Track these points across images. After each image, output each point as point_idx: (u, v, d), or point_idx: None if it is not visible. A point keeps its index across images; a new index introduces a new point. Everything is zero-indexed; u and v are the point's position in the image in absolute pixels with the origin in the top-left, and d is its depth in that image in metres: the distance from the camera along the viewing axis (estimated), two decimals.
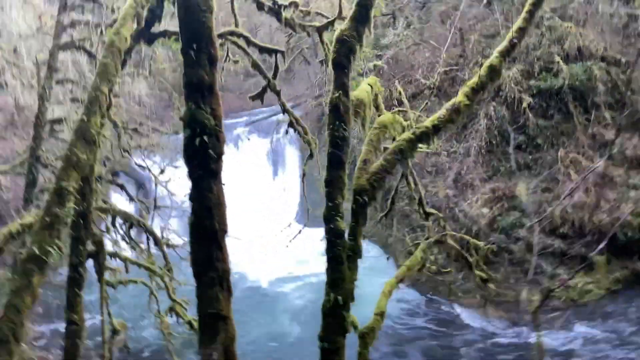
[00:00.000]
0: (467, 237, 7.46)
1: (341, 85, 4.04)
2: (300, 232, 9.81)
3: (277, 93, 7.63)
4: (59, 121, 11.09)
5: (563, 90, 14.61)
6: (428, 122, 4.61)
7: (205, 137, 3.46)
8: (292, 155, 25.99)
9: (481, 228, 14.08)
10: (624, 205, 13.69)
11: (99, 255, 6.93)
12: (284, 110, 7.85)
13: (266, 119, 28.75)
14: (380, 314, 5.84)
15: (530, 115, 14.62)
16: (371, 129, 4.86)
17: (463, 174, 15.13)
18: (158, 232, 9.43)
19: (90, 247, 6.87)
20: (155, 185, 9.37)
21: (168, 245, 9.80)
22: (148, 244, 9.46)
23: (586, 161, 13.97)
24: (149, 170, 10.49)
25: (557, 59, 14.55)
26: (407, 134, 4.57)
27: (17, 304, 4.73)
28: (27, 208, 10.53)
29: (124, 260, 7.83)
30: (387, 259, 14.12)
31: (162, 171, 9.48)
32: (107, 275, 8.04)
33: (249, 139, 26.30)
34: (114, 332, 8.35)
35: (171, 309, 9.48)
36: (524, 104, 14.67)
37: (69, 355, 6.59)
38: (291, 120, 8.10)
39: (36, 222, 5.17)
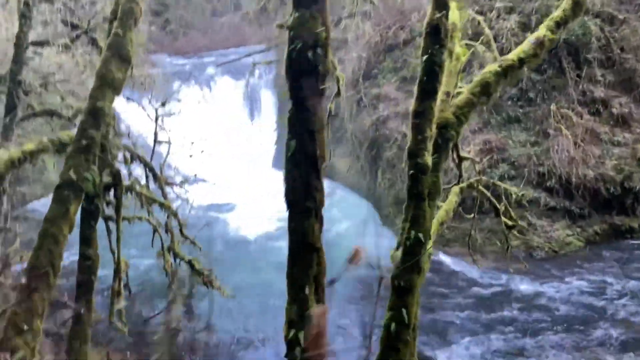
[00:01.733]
0: (499, 183, 7.34)
1: (442, 4, 3.68)
2: None
3: None
4: (41, 44, 10.11)
5: (558, 44, 14.55)
6: (513, 55, 4.34)
7: (318, 51, 3.08)
8: (268, 99, 25.26)
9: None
10: (608, 161, 14.07)
11: (117, 187, 6.44)
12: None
13: (239, 60, 27.59)
14: (429, 256, 5.71)
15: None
16: (452, 59, 4.54)
17: None
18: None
19: (106, 178, 6.36)
20: (156, 119, 8.75)
21: (167, 183, 9.33)
22: (147, 180, 8.94)
23: (576, 117, 14.16)
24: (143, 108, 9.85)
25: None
26: (493, 67, 4.30)
27: (54, 233, 4.32)
28: (8, 137, 9.73)
29: (139, 194, 7.34)
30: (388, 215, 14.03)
31: (163, 104, 8.83)
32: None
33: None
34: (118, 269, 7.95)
35: (170, 249, 9.13)
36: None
37: (84, 291, 6.21)
38: None
39: (69, 150, 4.65)
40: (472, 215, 7.61)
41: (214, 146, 19.61)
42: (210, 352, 10.30)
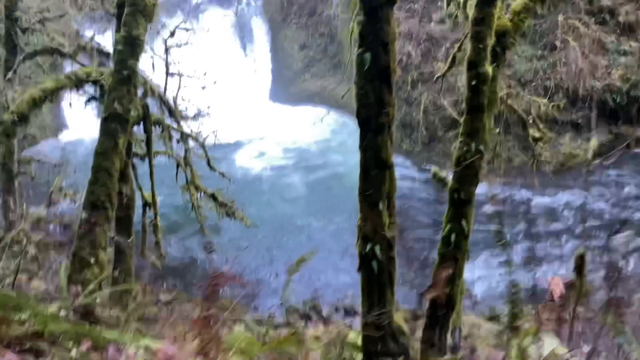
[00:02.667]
0: (531, 97, 7.31)
1: None
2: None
3: None
4: None
5: None
6: None
7: None
8: (259, 27, 24.38)
9: None
10: (615, 71, 14.00)
11: (146, 120, 6.33)
12: None
13: None
14: None
15: None
16: None
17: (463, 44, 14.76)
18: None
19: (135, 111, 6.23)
20: (166, 50, 8.44)
21: (182, 117, 9.17)
22: (162, 114, 8.78)
23: (583, 27, 13.90)
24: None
25: None
26: None
27: (107, 167, 4.29)
28: (12, 77, 9.39)
29: (167, 127, 7.22)
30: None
31: (172, 33, 8.49)
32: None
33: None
34: (146, 205, 7.99)
35: (192, 183, 9.14)
36: None
37: (124, 226, 6.27)
38: None
39: (109, 81, 4.51)
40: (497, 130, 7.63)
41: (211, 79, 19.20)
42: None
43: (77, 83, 7.11)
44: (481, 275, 9.63)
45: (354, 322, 8.51)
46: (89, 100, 7.62)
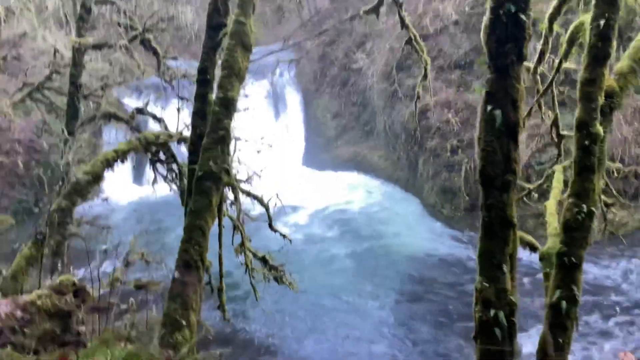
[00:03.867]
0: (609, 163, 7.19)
1: None
2: None
3: (398, 4, 6.97)
4: (100, 46, 10.01)
5: None
6: None
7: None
8: (293, 97, 25.11)
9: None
10: None
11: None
12: (404, 26, 7.21)
13: (260, 60, 27.27)
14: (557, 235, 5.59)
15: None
16: None
17: None
18: None
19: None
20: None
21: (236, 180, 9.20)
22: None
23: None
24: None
25: None
26: None
27: (201, 225, 4.21)
28: (72, 142, 9.62)
29: (236, 188, 7.20)
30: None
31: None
32: None
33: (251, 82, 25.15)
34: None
35: (242, 245, 9.02)
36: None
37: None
38: (410, 37, 7.48)
39: (205, 141, 4.53)
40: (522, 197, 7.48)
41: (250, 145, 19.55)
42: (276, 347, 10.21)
43: (147, 146, 7.23)
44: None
45: None
46: (155, 162, 7.71)
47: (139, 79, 20.21)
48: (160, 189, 9.80)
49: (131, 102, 20.49)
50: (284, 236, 7.74)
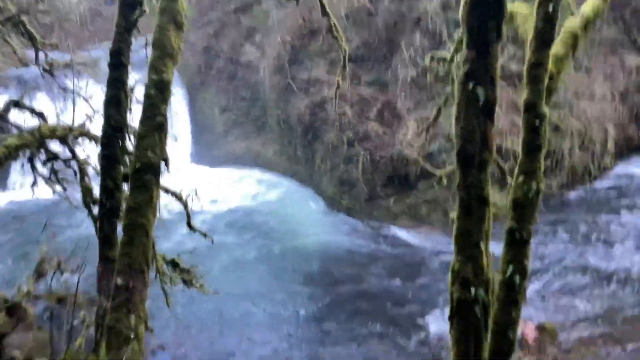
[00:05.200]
0: None
1: None
2: None
3: None
4: None
5: None
6: (589, 9, 4.56)
7: None
8: (176, 90, 23.88)
9: (410, 155, 14.73)
10: None
11: None
12: (324, 13, 7.09)
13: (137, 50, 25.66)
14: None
15: (449, 45, 15.35)
16: None
17: (391, 104, 15.54)
18: None
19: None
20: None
21: None
22: None
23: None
24: None
25: None
26: (574, 21, 4.48)
27: (143, 224, 3.81)
28: None
29: None
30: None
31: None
32: None
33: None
34: None
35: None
36: (444, 37, 15.38)
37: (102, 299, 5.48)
38: (330, 25, 7.37)
39: (140, 129, 4.10)
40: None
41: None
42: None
43: (41, 140, 6.33)
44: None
45: None
46: (49, 159, 6.80)
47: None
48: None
49: None
50: (205, 235, 7.26)
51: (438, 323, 9.78)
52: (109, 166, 5.38)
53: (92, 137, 7.09)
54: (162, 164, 4.19)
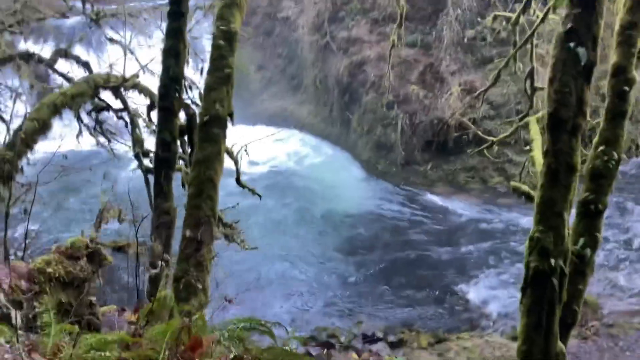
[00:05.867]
0: None
1: None
2: None
3: None
4: None
5: None
6: None
7: None
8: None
9: (452, 120, 14.39)
10: None
11: (192, 130, 5.68)
12: None
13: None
14: None
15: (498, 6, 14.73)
16: None
17: (434, 67, 15.11)
18: None
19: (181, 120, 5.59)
20: None
21: None
22: None
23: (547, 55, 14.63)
24: None
25: None
26: None
27: (211, 178, 3.73)
28: None
29: None
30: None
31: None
32: None
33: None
34: None
35: None
36: None
37: (164, 249, 5.53)
38: None
39: (208, 80, 3.98)
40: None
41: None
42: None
43: (95, 89, 6.32)
44: (491, 294, 9.59)
45: (379, 349, 8.09)
46: (102, 109, 6.80)
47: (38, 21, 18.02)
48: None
49: (31, 48, 18.20)
50: (253, 192, 7.24)
51: (478, 291, 9.73)
52: (166, 118, 5.33)
53: (143, 89, 7.05)
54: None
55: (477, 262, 10.79)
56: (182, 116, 5.95)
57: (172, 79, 5.33)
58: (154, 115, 8.27)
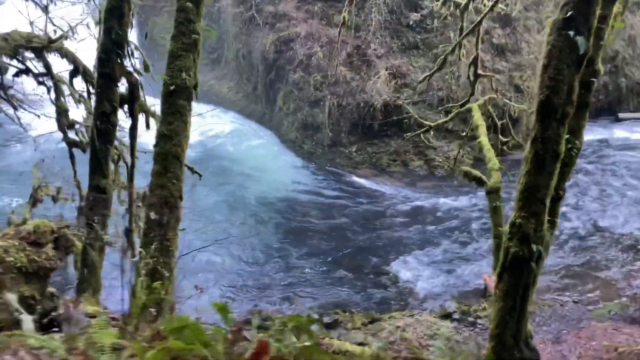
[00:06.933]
0: (510, 102, 7.67)
1: None
2: None
3: None
4: None
5: None
6: None
7: None
8: None
9: (379, 104, 14.57)
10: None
11: (134, 102, 5.16)
12: None
13: None
14: (499, 169, 5.83)
15: None
16: None
17: (361, 49, 15.15)
18: None
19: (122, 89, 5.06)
20: None
21: None
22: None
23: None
24: None
25: None
26: None
27: (177, 154, 3.48)
28: None
29: (150, 114, 5.83)
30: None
31: None
32: None
33: None
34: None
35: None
36: None
37: (95, 231, 5.09)
38: None
39: (172, 46, 3.67)
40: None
41: None
42: None
43: (14, 50, 5.55)
44: (418, 274, 9.89)
45: (314, 330, 8.03)
46: (20, 72, 6.00)
47: None
48: None
49: None
50: (192, 170, 6.79)
51: (406, 271, 9.98)
52: (105, 86, 4.78)
53: (67, 53, 6.31)
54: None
55: (404, 243, 11.07)
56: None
57: (115, 43, 4.78)
58: (77, 82, 7.52)
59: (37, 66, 6.13)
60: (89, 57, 7.34)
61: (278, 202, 12.65)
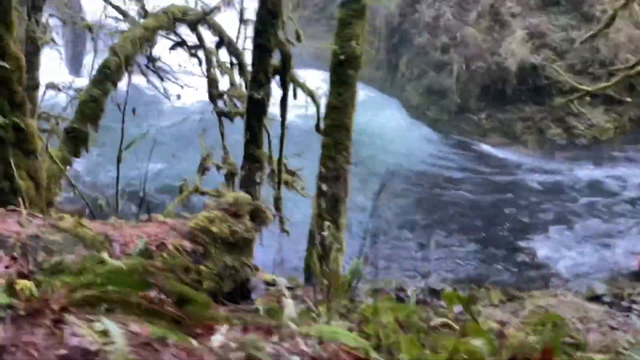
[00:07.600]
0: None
1: None
2: None
3: None
4: None
5: None
6: None
7: None
8: None
9: (513, 66, 13.59)
10: None
11: (286, 71, 5.20)
12: None
13: None
14: None
15: None
16: None
17: (494, 8, 14.14)
18: None
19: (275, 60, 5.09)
20: None
21: None
22: None
23: None
24: None
25: None
26: None
27: (347, 126, 3.32)
28: None
29: (302, 85, 5.97)
30: None
31: None
32: None
33: None
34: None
35: None
36: None
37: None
38: None
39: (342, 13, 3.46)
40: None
41: None
42: None
43: (172, 23, 5.82)
44: (559, 252, 9.22)
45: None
46: (176, 45, 6.32)
47: None
48: None
49: None
50: None
51: (545, 248, 9.36)
52: (261, 56, 4.84)
53: (214, 25, 6.52)
54: None
55: (541, 218, 10.38)
56: None
57: (270, 13, 4.80)
58: (222, 53, 7.80)
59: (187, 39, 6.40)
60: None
61: (404, 171, 12.43)
